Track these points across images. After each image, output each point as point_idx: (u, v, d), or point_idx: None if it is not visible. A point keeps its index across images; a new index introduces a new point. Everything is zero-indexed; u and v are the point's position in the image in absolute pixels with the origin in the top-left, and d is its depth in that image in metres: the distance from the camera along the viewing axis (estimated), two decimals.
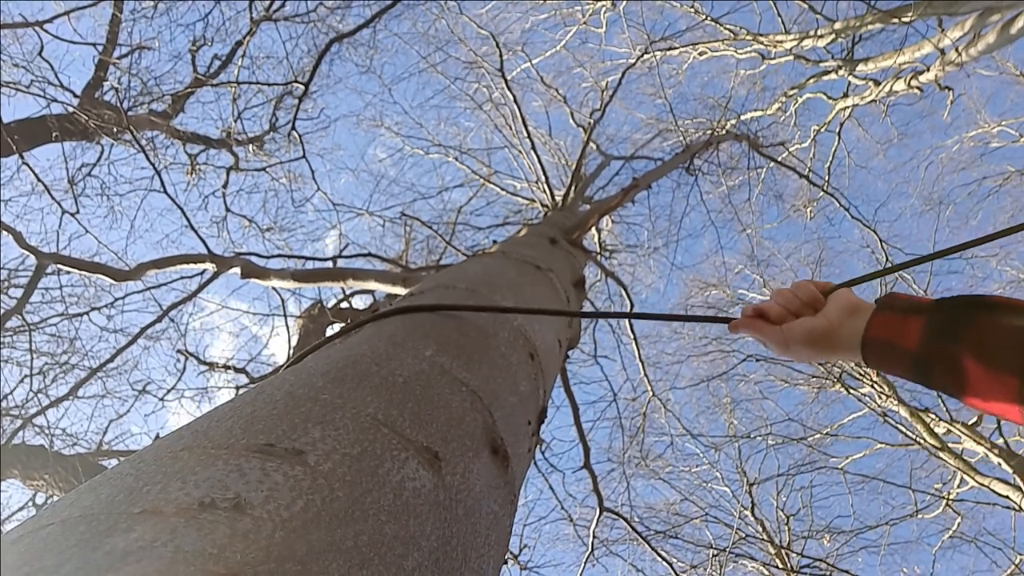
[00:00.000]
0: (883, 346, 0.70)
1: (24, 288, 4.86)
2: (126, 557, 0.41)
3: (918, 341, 0.67)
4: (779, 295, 0.82)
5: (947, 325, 0.65)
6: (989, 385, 0.60)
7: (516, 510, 0.88)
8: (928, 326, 0.66)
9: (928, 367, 0.66)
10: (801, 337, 0.78)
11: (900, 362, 0.69)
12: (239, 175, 6.32)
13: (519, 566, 5.20)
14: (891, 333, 0.70)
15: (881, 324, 0.71)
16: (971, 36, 5.03)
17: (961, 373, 0.62)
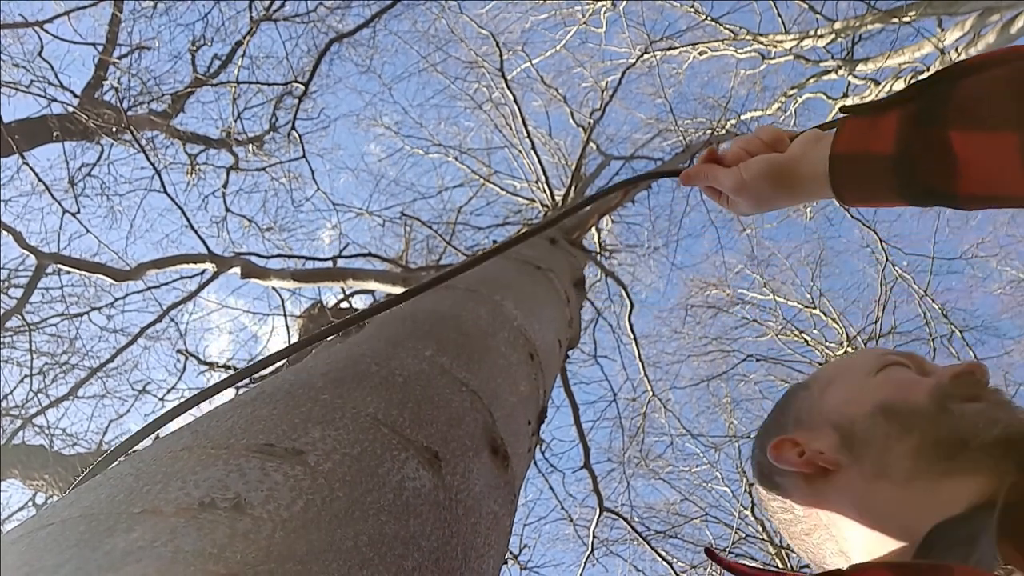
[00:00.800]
0: (856, 161, 0.59)
1: (24, 288, 4.86)
2: (126, 557, 0.41)
3: (895, 138, 0.55)
4: (739, 139, 0.71)
5: (926, 108, 0.54)
6: (986, 155, 0.51)
7: (516, 510, 0.88)
8: (903, 118, 0.55)
9: (913, 166, 0.55)
10: (759, 170, 0.66)
11: (879, 175, 0.57)
12: (239, 175, 6.32)
13: (519, 566, 5.20)
14: (863, 142, 0.58)
15: (849, 134, 0.59)
16: (971, 36, 5.03)
17: (952, 156, 0.52)
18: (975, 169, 0.51)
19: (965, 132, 0.51)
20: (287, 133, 5.82)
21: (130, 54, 5.67)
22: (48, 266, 4.25)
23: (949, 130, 0.52)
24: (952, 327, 6.78)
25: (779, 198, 0.68)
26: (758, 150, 0.69)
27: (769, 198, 0.68)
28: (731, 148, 0.71)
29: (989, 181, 0.51)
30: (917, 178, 0.55)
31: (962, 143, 0.51)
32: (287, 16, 5.94)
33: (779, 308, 8.02)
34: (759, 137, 0.69)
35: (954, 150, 0.52)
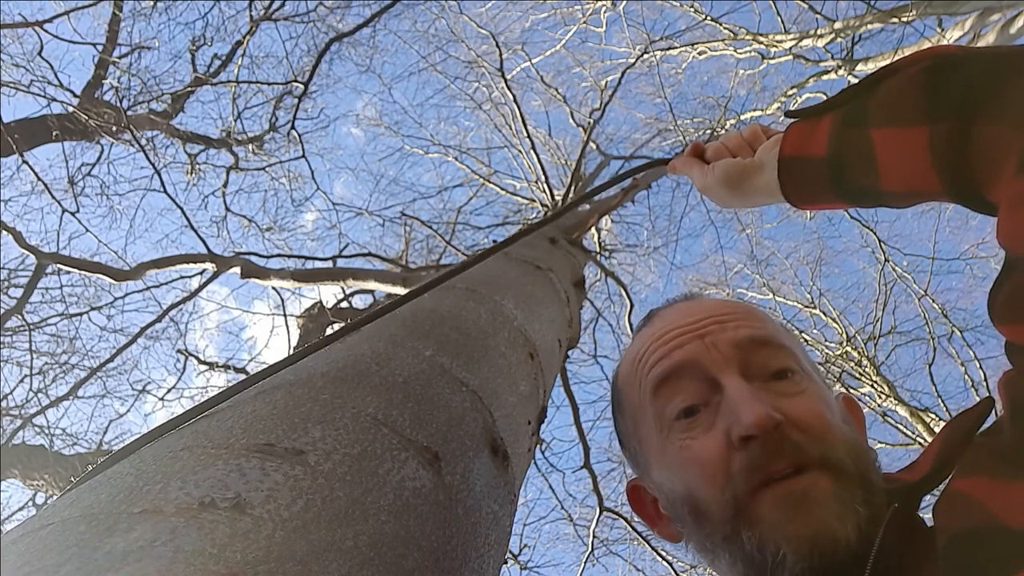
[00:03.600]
0: (796, 164, 0.59)
1: (24, 288, 4.86)
2: (126, 557, 0.41)
3: (827, 140, 0.56)
4: (724, 135, 0.73)
5: (853, 110, 0.55)
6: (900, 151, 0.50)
7: (516, 510, 0.88)
8: (835, 121, 0.56)
9: (841, 166, 0.55)
10: (720, 175, 0.68)
11: (816, 176, 0.57)
12: (239, 175, 6.33)
13: (519, 566, 5.20)
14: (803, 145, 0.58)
15: (792, 139, 0.60)
16: (971, 36, 5.03)
17: (872, 153, 0.52)
18: (892, 165, 0.52)
19: (883, 130, 0.52)
20: (287, 133, 5.82)
21: (130, 54, 5.67)
22: (48, 266, 4.26)
23: (870, 129, 0.53)
24: (952, 327, 6.79)
25: (736, 201, 0.70)
26: (737, 148, 0.70)
27: (727, 200, 0.70)
28: (715, 144, 0.73)
29: (905, 176, 0.52)
30: (846, 177, 0.56)
31: (881, 141, 0.52)
32: (287, 16, 5.94)
33: (779, 308, 8.02)
34: (741, 135, 0.70)
35: (875, 148, 0.52)
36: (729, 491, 0.50)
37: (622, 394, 0.66)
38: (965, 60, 0.48)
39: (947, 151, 0.47)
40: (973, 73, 0.47)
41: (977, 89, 0.46)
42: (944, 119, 0.47)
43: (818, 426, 0.51)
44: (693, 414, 0.55)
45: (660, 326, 0.61)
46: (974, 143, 0.46)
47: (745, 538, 0.49)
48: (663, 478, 0.58)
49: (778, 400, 0.52)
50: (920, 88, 0.50)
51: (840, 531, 0.46)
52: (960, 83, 0.47)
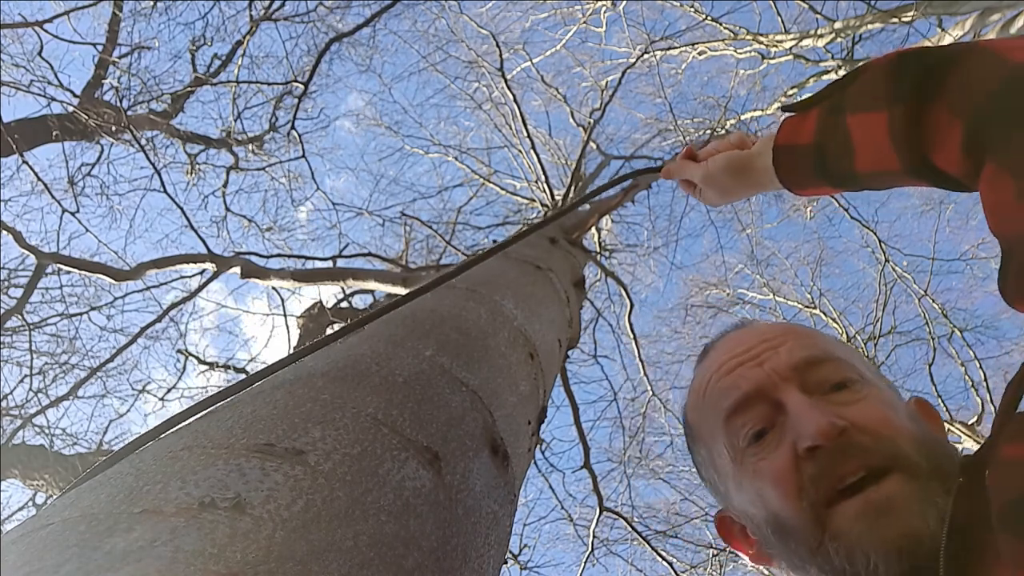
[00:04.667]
0: (788, 151, 0.66)
1: (24, 288, 4.86)
2: (126, 557, 0.41)
3: (814, 130, 0.63)
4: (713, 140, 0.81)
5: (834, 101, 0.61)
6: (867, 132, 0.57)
7: (516, 510, 0.88)
8: (820, 112, 0.62)
9: (824, 152, 0.61)
10: (722, 164, 0.75)
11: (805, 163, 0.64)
12: (239, 175, 6.32)
13: (519, 566, 5.20)
14: (794, 135, 0.65)
15: (786, 129, 0.67)
16: (971, 36, 5.03)
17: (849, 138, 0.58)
18: (864, 147, 0.58)
19: (855, 116, 0.58)
20: (287, 133, 5.82)
21: (130, 54, 5.67)
22: (48, 266, 4.26)
23: (847, 116, 0.59)
24: (952, 327, 6.78)
25: (739, 188, 0.76)
26: (727, 149, 0.77)
27: (731, 187, 0.77)
28: (706, 147, 0.81)
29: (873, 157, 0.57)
30: (828, 161, 0.62)
31: (854, 126, 0.58)
32: (287, 16, 5.94)
33: (779, 308, 8.02)
34: (729, 140, 0.78)
35: (851, 134, 0.58)
36: (806, 501, 0.51)
37: (694, 429, 0.66)
38: (922, 53, 0.54)
39: (902, 129, 0.53)
40: (925, 64, 0.53)
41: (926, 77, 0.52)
42: (900, 102, 0.53)
43: (883, 428, 0.52)
44: (762, 437, 0.56)
45: (717, 358, 0.63)
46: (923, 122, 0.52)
47: (832, 551, 0.49)
48: (744, 503, 0.59)
49: (841, 409, 0.53)
50: (884, 78, 0.56)
51: (923, 529, 0.46)
52: (914, 72, 0.53)
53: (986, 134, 0.47)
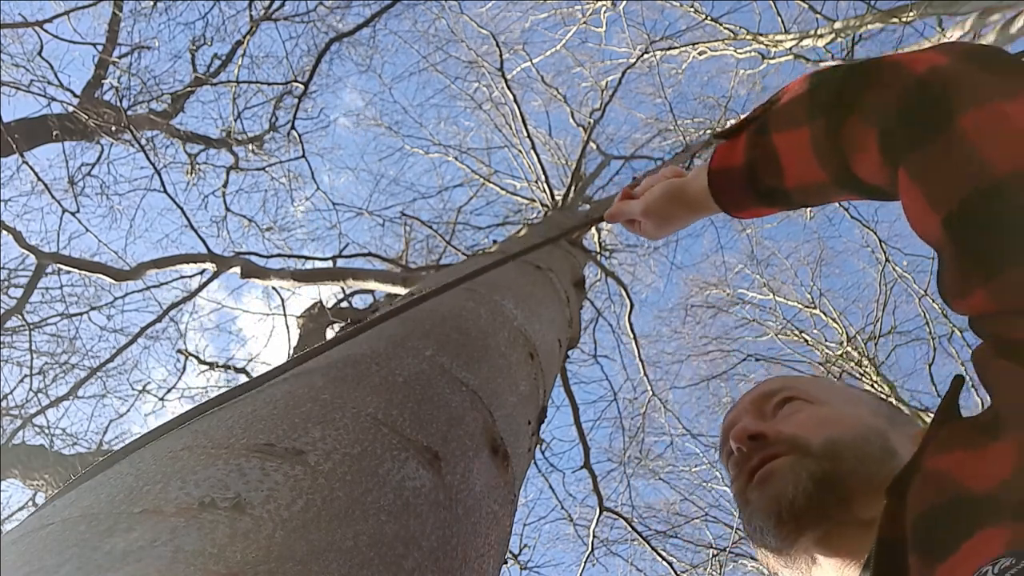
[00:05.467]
0: (722, 174, 0.69)
1: (24, 288, 4.86)
2: (126, 557, 0.41)
3: (743, 151, 0.65)
4: (647, 177, 0.84)
5: (761, 121, 0.64)
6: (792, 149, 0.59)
7: (516, 510, 0.88)
8: (749, 133, 0.65)
9: (755, 171, 0.64)
10: (659, 193, 0.78)
11: (738, 182, 0.67)
12: (239, 175, 6.32)
13: (519, 566, 5.20)
14: (725, 158, 0.68)
15: (719, 154, 0.69)
16: (971, 36, 5.03)
17: (776, 156, 0.61)
18: (791, 164, 0.60)
19: (780, 134, 0.61)
20: (287, 133, 5.82)
21: (130, 53, 5.67)
22: (48, 266, 4.26)
23: (772, 135, 0.62)
24: (952, 327, 6.78)
25: (678, 214, 0.79)
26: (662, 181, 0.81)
27: (670, 214, 0.80)
28: (641, 184, 0.84)
29: (800, 172, 0.60)
30: (760, 180, 0.65)
31: (780, 144, 0.61)
32: (287, 16, 5.94)
33: (779, 308, 8.03)
34: (662, 172, 0.81)
35: (777, 151, 0.61)
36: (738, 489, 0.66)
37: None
38: (836, 69, 0.58)
39: (823, 142, 0.56)
40: (838, 78, 0.56)
41: (841, 91, 0.55)
42: (817, 118, 0.56)
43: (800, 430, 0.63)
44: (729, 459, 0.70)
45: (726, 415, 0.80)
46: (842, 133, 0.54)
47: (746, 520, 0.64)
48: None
49: (777, 423, 0.66)
50: (803, 95, 0.59)
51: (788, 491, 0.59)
52: (829, 87, 0.56)
53: (897, 144, 0.50)
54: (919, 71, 0.49)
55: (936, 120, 0.46)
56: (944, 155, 0.45)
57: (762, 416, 0.69)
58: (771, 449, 0.63)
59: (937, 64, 0.49)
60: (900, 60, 0.52)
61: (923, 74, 0.49)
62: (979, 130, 0.44)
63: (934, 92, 0.48)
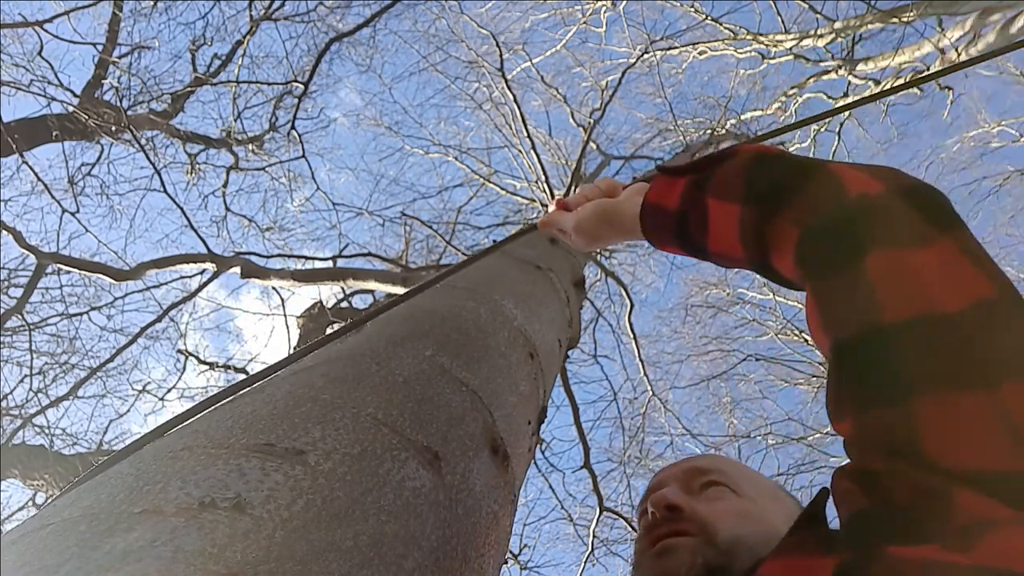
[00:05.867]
0: (654, 210, 0.70)
1: (24, 288, 4.86)
2: (126, 557, 0.41)
3: (679, 197, 0.67)
4: (582, 188, 0.85)
5: (702, 176, 0.65)
6: (720, 218, 0.61)
7: (516, 510, 0.88)
8: (689, 182, 0.66)
9: (684, 221, 0.66)
10: (591, 211, 0.79)
11: (667, 224, 0.69)
12: (239, 175, 6.32)
13: (519, 566, 5.20)
14: (662, 195, 0.70)
15: (657, 189, 0.71)
16: (971, 36, 5.03)
17: (706, 217, 0.63)
18: (716, 231, 0.62)
19: (715, 200, 0.62)
20: (287, 133, 5.82)
21: (130, 53, 5.67)
22: (48, 266, 4.26)
23: (708, 197, 0.63)
24: None
25: (606, 234, 0.80)
26: (595, 197, 0.81)
27: (599, 234, 0.80)
28: (575, 196, 0.85)
29: (723, 242, 0.62)
30: (687, 231, 0.67)
31: (713, 209, 0.62)
32: (287, 16, 5.94)
33: (779, 308, 8.02)
34: (598, 187, 0.82)
35: (708, 214, 0.63)
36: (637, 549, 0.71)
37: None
38: (775, 160, 0.60)
39: (749, 229, 0.58)
40: (779, 172, 0.58)
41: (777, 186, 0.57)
42: (750, 204, 0.58)
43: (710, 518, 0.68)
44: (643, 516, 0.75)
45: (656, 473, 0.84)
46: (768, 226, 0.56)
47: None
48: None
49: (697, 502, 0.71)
50: (741, 173, 0.61)
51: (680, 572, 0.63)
52: (768, 179, 0.58)
53: (809, 261, 0.52)
54: (850, 195, 0.51)
55: (847, 254, 0.48)
56: (846, 288, 0.48)
57: (687, 490, 0.74)
58: (682, 524, 0.67)
59: (867, 193, 0.51)
60: (839, 175, 0.53)
61: (852, 200, 0.51)
62: (882, 274, 0.46)
63: (854, 224, 0.49)
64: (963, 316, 0.43)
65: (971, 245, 0.48)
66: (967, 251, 0.47)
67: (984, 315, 0.44)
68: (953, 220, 0.49)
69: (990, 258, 0.48)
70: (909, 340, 0.44)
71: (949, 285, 0.45)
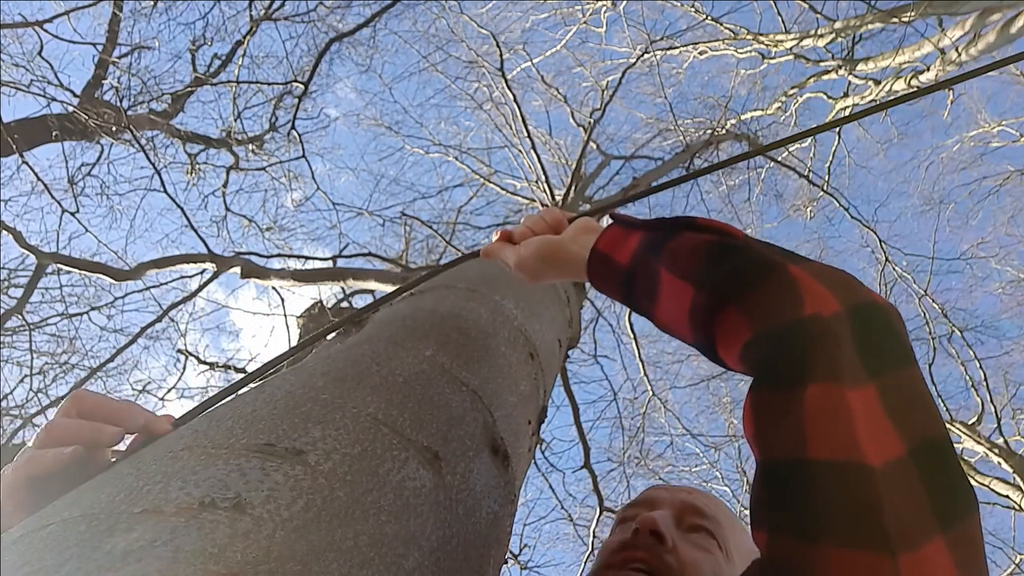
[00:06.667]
0: (604, 260, 0.69)
1: (24, 288, 4.86)
2: (126, 557, 0.41)
3: (631, 255, 0.66)
4: (528, 219, 0.83)
5: (657, 240, 0.65)
6: (671, 294, 0.60)
7: (516, 510, 0.88)
8: (642, 241, 0.66)
9: (633, 281, 0.65)
10: (533, 249, 0.78)
11: (614, 278, 0.68)
12: (239, 175, 6.32)
13: (519, 566, 5.21)
14: (613, 247, 0.69)
15: (608, 237, 0.70)
16: (971, 36, 5.03)
17: (655, 286, 0.62)
18: (665, 304, 0.62)
19: (669, 273, 0.61)
20: (287, 133, 5.82)
21: (130, 54, 5.67)
22: (48, 266, 4.26)
23: (661, 266, 0.62)
24: (952, 327, 6.78)
25: (548, 273, 0.78)
26: (541, 230, 0.80)
27: (540, 272, 0.79)
28: (519, 227, 0.83)
29: (670, 316, 0.62)
30: (634, 292, 0.66)
31: (665, 281, 0.61)
32: (287, 16, 5.94)
33: None
34: (543, 219, 0.81)
35: (660, 285, 0.62)
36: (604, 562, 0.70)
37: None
38: (739, 250, 0.58)
39: (699, 313, 0.57)
40: (739, 264, 0.56)
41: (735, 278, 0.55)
42: (705, 289, 0.57)
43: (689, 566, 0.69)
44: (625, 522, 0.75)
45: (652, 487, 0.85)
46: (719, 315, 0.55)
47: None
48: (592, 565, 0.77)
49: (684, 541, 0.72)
50: (699, 254, 0.60)
51: None
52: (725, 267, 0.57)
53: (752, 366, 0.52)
54: (804, 312, 0.50)
55: (790, 376, 0.48)
56: (780, 410, 0.48)
57: (678, 523, 0.74)
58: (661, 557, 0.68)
59: (820, 315, 0.49)
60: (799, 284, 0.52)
61: (805, 320, 0.49)
62: (817, 407, 0.46)
63: (802, 347, 0.48)
64: (880, 472, 0.43)
65: (898, 392, 0.47)
66: (888, 400, 0.46)
67: (897, 474, 0.44)
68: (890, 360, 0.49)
69: (919, 406, 0.47)
70: (828, 482, 0.44)
71: (873, 435, 0.45)
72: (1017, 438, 7.39)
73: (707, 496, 0.80)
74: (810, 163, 6.97)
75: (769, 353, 0.50)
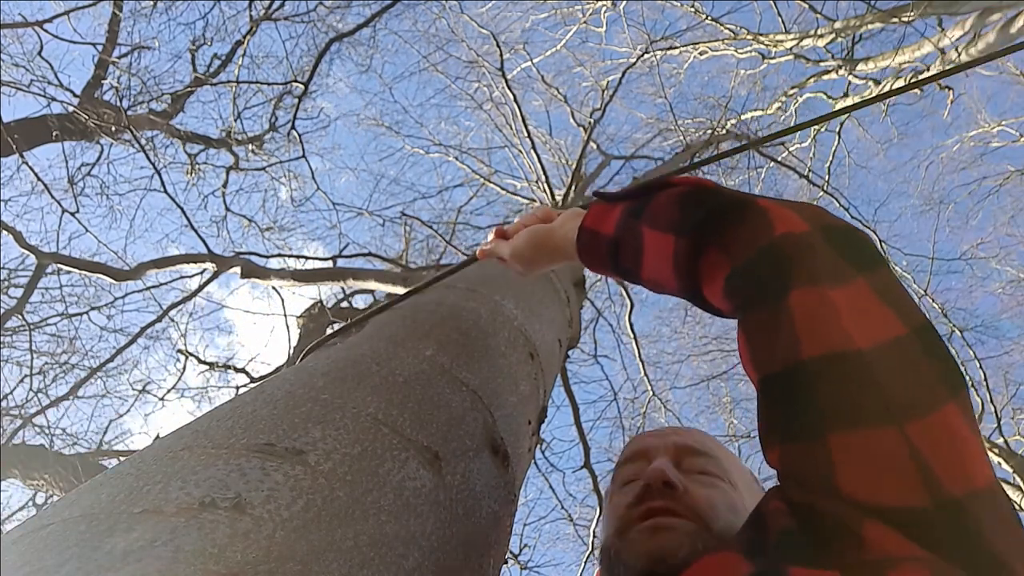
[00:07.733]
0: (591, 235, 0.71)
1: (24, 288, 4.86)
2: (126, 557, 0.41)
3: (615, 224, 0.68)
4: (521, 216, 0.86)
5: (637, 206, 0.66)
6: (655, 248, 0.62)
7: (516, 510, 0.88)
8: (624, 210, 0.68)
9: (617, 248, 0.67)
10: (525, 237, 0.80)
11: (602, 249, 0.70)
12: (239, 175, 6.32)
13: (519, 566, 5.20)
14: (598, 221, 0.71)
15: (593, 214, 0.72)
16: (971, 36, 5.03)
17: (640, 245, 0.64)
18: (649, 260, 0.63)
19: (650, 229, 0.63)
20: (287, 133, 5.82)
21: (130, 54, 5.67)
22: (48, 266, 4.26)
23: (642, 226, 0.64)
24: (952, 327, 6.78)
25: (541, 258, 0.81)
26: (533, 223, 0.82)
27: (533, 259, 0.81)
28: (513, 224, 0.86)
29: (656, 270, 0.63)
30: (620, 257, 0.67)
31: (647, 239, 0.63)
32: (287, 16, 5.94)
33: None
34: (534, 214, 0.84)
35: (643, 243, 0.64)
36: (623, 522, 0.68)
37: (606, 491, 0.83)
38: (710, 193, 0.61)
39: (682, 259, 0.59)
40: (713, 206, 0.59)
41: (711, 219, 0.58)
42: (684, 235, 0.59)
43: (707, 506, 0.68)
44: (630, 482, 0.74)
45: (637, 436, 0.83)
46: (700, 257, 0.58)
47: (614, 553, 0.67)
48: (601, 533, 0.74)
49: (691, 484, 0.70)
50: (676, 205, 0.62)
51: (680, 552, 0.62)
52: (702, 211, 0.59)
53: (736, 294, 0.54)
54: (776, 233, 0.52)
55: (771, 289, 0.50)
56: (769, 324, 0.49)
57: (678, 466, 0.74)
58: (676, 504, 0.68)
59: (792, 232, 0.52)
60: (769, 212, 0.54)
61: (777, 239, 0.52)
62: (802, 310, 0.47)
63: (778, 262, 0.51)
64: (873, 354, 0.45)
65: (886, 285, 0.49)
66: (880, 291, 0.49)
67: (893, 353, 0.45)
68: (870, 260, 0.51)
69: (907, 296, 0.49)
70: (824, 376, 0.45)
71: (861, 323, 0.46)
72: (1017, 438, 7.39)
73: (695, 432, 0.81)
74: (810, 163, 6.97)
75: (748, 277, 0.52)
